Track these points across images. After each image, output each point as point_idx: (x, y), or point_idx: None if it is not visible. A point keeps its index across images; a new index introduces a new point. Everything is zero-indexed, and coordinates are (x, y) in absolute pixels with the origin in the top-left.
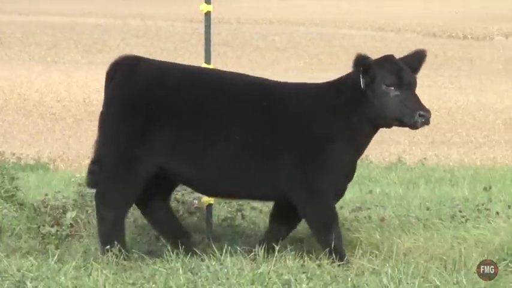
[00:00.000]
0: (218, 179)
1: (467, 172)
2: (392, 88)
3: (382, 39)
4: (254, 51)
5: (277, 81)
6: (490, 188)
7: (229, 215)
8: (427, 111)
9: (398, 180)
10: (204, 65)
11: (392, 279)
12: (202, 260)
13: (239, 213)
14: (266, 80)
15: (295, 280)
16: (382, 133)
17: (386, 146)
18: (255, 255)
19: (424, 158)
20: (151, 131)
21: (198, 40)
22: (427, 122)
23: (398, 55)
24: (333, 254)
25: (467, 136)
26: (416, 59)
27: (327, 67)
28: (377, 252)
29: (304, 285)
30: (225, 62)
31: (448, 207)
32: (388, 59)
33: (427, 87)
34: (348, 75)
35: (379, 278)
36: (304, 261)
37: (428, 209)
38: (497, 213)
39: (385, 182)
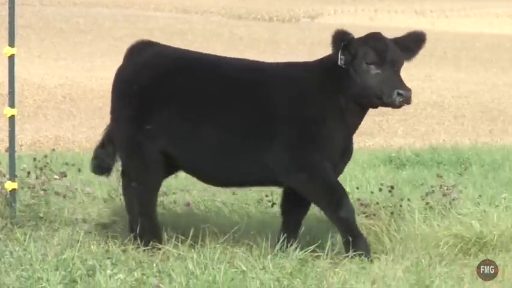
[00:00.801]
0: (214, 166)
1: None
2: (373, 66)
3: (187, 21)
4: (57, 34)
5: (269, 63)
6: None
7: (33, 201)
8: (407, 89)
9: None
10: (8, 49)
11: (198, 265)
12: (6, 246)
13: (43, 199)
14: (259, 62)
15: (100, 266)
16: None
17: None
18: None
19: None
20: (147, 114)
21: (1, 23)
22: (406, 100)
23: (203, 38)
24: (345, 228)
25: None
26: (412, 40)
27: None
28: (183, 237)
29: (108, 271)
30: (28, 44)
31: (254, 191)
32: (371, 36)
33: None
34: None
35: (184, 264)
36: (108, 247)
37: (234, 193)
38: None
39: None
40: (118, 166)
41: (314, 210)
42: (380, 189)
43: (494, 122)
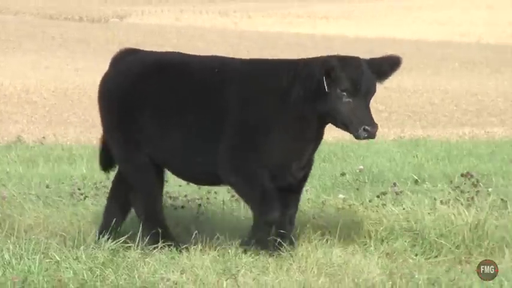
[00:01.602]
0: (179, 164)
1: (85, 151)
2: (346, 94)
3: (1, 22)
4: None
5: (240, 60)
6: None
7: None
8: (374, 126)
9: (18, 159)
10: None
11: (14, 255)
12: None
13: None
14: (229, 59)
15: None
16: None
17: (5, 125)
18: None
19: (43, 137)
20: (131, 120)
21: None
22: (370, 136)
23: (16, 37)
24: (254, 237)
25: (83, 116)
26: (388, 64)
27: None
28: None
29: None
30: None
31: (67, 185)
32: (349, 63)
33: (45, 68)
34: (306, 62)
35: (1, 255)
36: None
37: (47, 186)
38: None
39: (5, 161)
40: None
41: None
42: (188, 183)
43: None
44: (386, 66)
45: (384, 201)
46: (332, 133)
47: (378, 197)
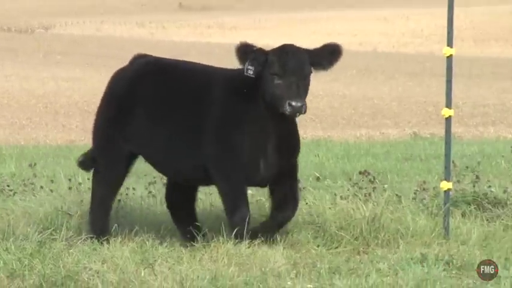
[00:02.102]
0: (163, 163)
1: (13, 150)
2: (276, 76)
3: None
4: None
5: (214, 69)
6: (35, 164)
7: None
8: (298, 100)
9: None
10: None
11: None
12: None
13: None
14: (209, 68)
15: None
16: None
17: None
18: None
19: None
20: (122, 117)
21: None
22: (296, 110)
23: None
24: (232, 232)
25: (12, 118)
26: (328, 51)
27: None
28: None
29: None
30: None
31: None
32: (279, 48)
33: None
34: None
35: None
36: None
37: None
38: (42, 187)
39: None
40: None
41: (49, 198)
42: None
43: None
44: (326, 53)
45: None
46: None
47: None
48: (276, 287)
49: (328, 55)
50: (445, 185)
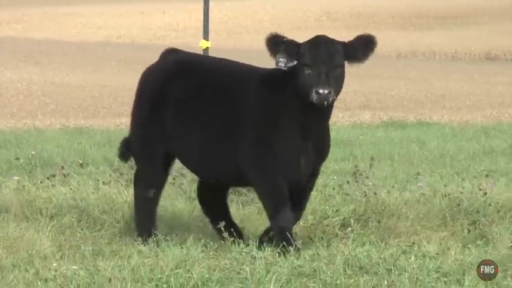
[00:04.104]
0: (198, 163)
1: None
2: (306, 66)
3: None
4: None
5: (251, 68)
6: None
7: None
8: (326, 87)
9: None
10: None
11: None
12: None
13: None
14: (247, 67)
15: None
16: None
17: None
18: None
19: None
20: (157, 115)
21: None
22: (322, 97)
23: None
24: (279, 236)
25: None
26: (362, 43)
27: None
28: None
29: None
30: None
31: None
32: (312, 39)
33: None
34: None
35: None
36: None
37: None
38: None
39: None
40: None
41: None
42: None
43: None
44: (360, 45)
45: (54, 182)
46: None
47: (48, 178)
48: (42, 269)
49: (363, 47)
50: None
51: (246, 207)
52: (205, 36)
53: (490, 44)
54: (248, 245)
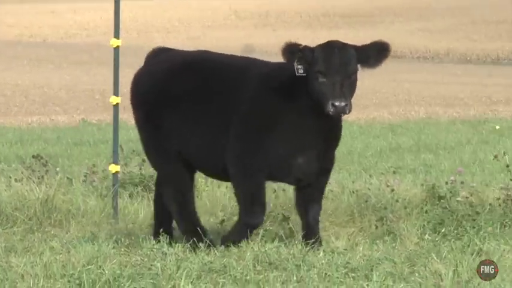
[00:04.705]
0: (198, 158)
1: None
2: (320, 75)
3: None
4: None
5: (251, 61)
6: None
7: None
8: (343, 100)
9: None
10: None
11: None
12: None
13: None
14: (244, 59)
15: None
16: None
17: None
18: None
19: None
20: (159, 114)
21: None
22: (340, 111)
23: None
24: (237, 230)
25: None
26: (376, 49)
27: None
28: None
29: None
30: None
31: None
32: (325, 45)
33: None
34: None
35: None
36: None
37: None
38: None
39: None
40: None
41: None
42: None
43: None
44: (373, 51)
45: None
46: None
47: None
48: None
49: (376, 53)
50: (114, 168)
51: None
52: (116, 35)
53: (396, 43)
54: (159, 241)
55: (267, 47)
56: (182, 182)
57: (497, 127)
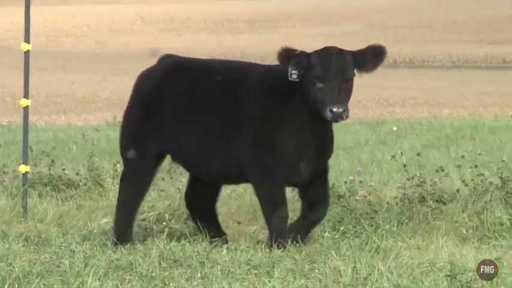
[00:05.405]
0: (195, 161)
1: None
2: (317, 80)
3: None
4: None
5: (251, 65)
6: None
7: None
8: (340, 106)
9: None
10: None
11: None
12: None
13: None
14: (246, 64)
15: None
16: None
17: None
18: None
19: None
20: (150, 115)
21: None
22: (337, 116)
23: None
24: (273, 235)
25: None
26: (372, 53)
27: None
28: None
29: None
30: None
31: None
32: (322, 51)
33: None
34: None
35: None
36: None
37: None
38: None
39: None
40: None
41: None
42: None
43: None
44: (370, 55)
45: None
46: None
47: None
48: None
49: (373, 57)
50: (23, 168)
51: (66, 203)
52: (27, 39)
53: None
54: (67, 239)
55: (173, 51)
56: (142, 183)
57: (395, 128)
